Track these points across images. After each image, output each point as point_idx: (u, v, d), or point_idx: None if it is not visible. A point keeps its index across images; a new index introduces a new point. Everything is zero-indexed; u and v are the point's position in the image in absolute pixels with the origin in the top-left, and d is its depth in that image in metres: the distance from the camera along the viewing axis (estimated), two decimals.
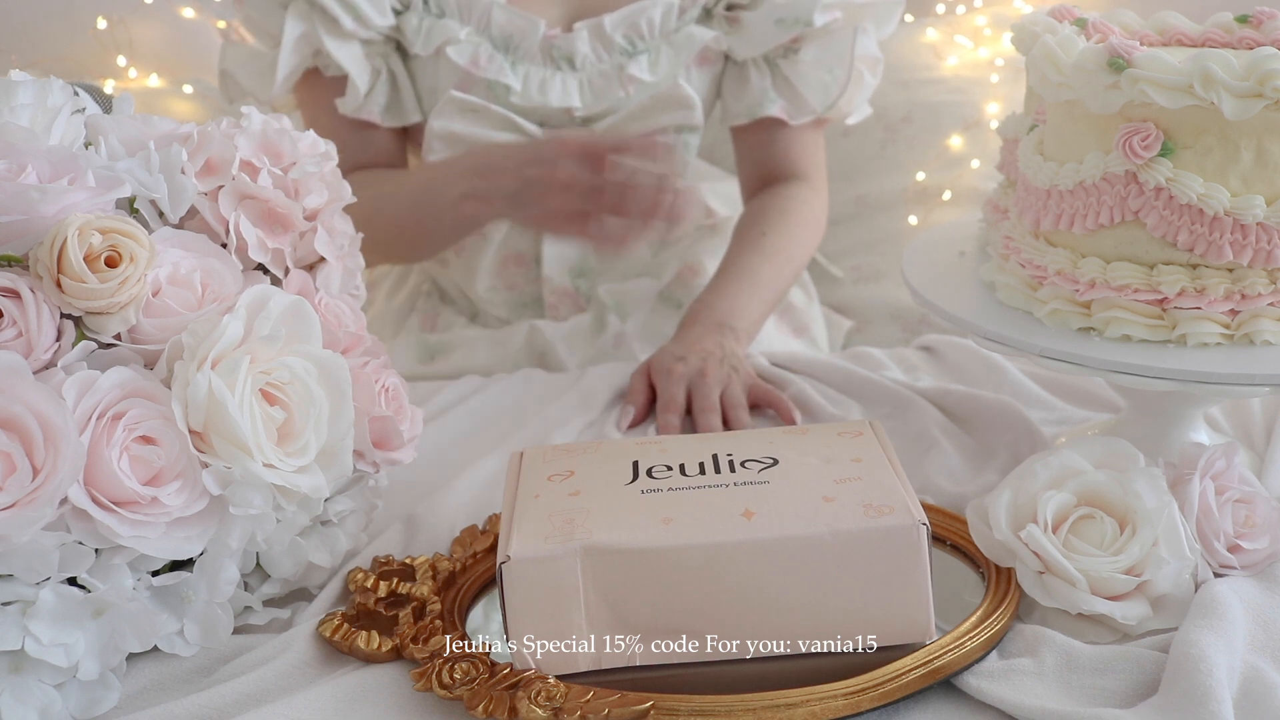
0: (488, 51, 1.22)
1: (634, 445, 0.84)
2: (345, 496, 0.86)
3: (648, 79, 1.24)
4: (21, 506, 0.67)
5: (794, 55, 1.28)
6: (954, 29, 1.70)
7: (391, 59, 1.25)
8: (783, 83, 1.29)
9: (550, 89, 1.23)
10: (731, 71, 1.31)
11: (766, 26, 1.26)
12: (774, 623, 0.71)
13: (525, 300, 1.36)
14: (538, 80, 1.23)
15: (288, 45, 1.20)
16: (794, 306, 1.43)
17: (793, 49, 1.28)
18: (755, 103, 1.29)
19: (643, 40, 1.24)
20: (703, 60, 1.28)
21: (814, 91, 1.28)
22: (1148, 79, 0.79)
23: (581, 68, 1.24)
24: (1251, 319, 0.83)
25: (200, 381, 0.71)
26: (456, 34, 1.21)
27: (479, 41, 1.22)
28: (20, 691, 0.69)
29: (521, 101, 1.22)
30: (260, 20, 1.23)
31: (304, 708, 0.71)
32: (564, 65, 1.23)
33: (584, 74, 1.24)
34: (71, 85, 0.81)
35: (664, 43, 1.25)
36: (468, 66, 1.21)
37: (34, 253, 0.73)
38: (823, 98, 1.29)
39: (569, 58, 1.23)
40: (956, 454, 1.00)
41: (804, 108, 1.29)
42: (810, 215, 1.31)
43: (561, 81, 1.23)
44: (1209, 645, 0.69)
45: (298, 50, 1.21)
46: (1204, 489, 0.80)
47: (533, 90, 1.23)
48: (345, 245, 0.89)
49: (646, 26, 1.24)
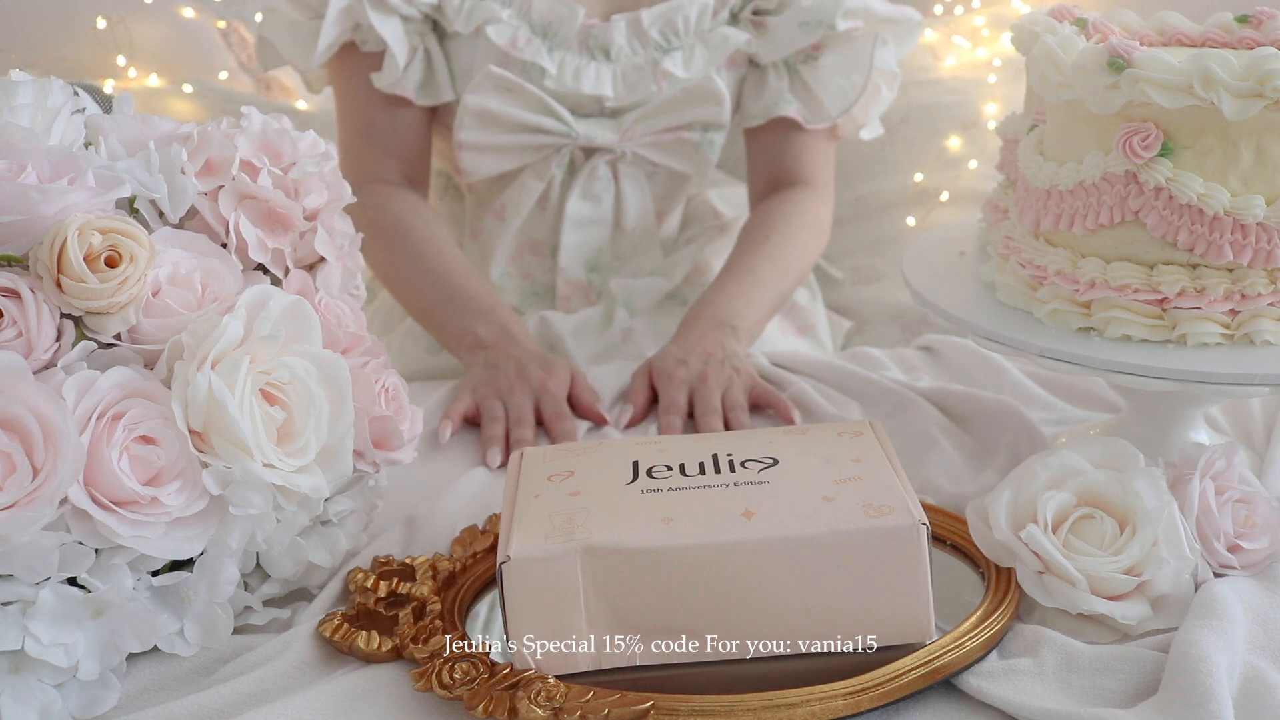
0: (526, 34, 1.23)
1: (634, 445, 0.84)
2: (345, 496, 0.86)
3: (681, 75, 1.26)
4: (21, 506, 0.67)
5: (814, 61, 1.30)
6: (952, 29, 1.70)
7: (428, 38, 1.27)
8: (800, 86, 1.30)
9: (584, 76, 1.25)
10: (752, 75, 1.33)
11: (791, 30, 1.28)
12: (774, 623, 0.71)
13: (538, 290, 1.37)
14: (573, 67, 1.25)
15: (332, 15, 1.22)
16: (798, 305, 1.44)
17: (813, 55, 1.30)
18: (772, 103, 1.30)
19: (678, 37, 1.26)
20: (730, 63, 1.30)
21: (831, 95, 1.30)
22: (1148, 79, 0.79)
23: (616, 59, 1.26)
24: (1251, 319, 0.83)
25: (200, 381, 0.71)
26: (498, 14, 1.23)
27: (519, 24, 1.24)
28: (20, 691, 0.69)
29: (555, 86, 1.24)
30: None
31: (304, 708, 0.71)
32: (599, 55, 1.25)
33: (618, 65, 1.26)
34: (71, 85, 0.81)
35: (699, 41, 1.27)
36: (506, 47, 1.23)
37: (34, 253, 0.73)
38: (839, 102, 1.30)
39: (605, 48, 1.25)
40: (956, 454, 1.00)
41: (820, 111, 1.30)
42: (815, 220, 1.32)
43: (596, 70, 1.25)
44: (1209, 645, 0.69)
45: (340, 21, 1.23)
46: (1204, 489, 0.80)
47: (567, 76, 1.24)
48: (345, 245, 0.89)
49: (682, 24, 1.26)
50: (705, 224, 1.45)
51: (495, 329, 1.15)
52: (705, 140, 1.29)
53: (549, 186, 1.30)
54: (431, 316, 1.21)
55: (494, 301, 1.19)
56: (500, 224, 1.33)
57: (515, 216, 1.32)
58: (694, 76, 1.26)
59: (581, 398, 1.10)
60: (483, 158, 1.27)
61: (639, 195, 1.33)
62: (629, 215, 1.33)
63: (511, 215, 1.32)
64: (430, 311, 1.21)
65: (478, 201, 1.37)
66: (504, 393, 1.08)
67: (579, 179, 1.29)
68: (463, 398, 1.09)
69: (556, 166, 1.29)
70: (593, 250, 1.34)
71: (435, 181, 1.44)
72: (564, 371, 1.11)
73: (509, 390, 1.08)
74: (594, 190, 1.31)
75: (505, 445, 1.04)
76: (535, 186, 1.30)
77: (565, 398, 1.09)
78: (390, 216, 1.23)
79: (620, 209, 1.33)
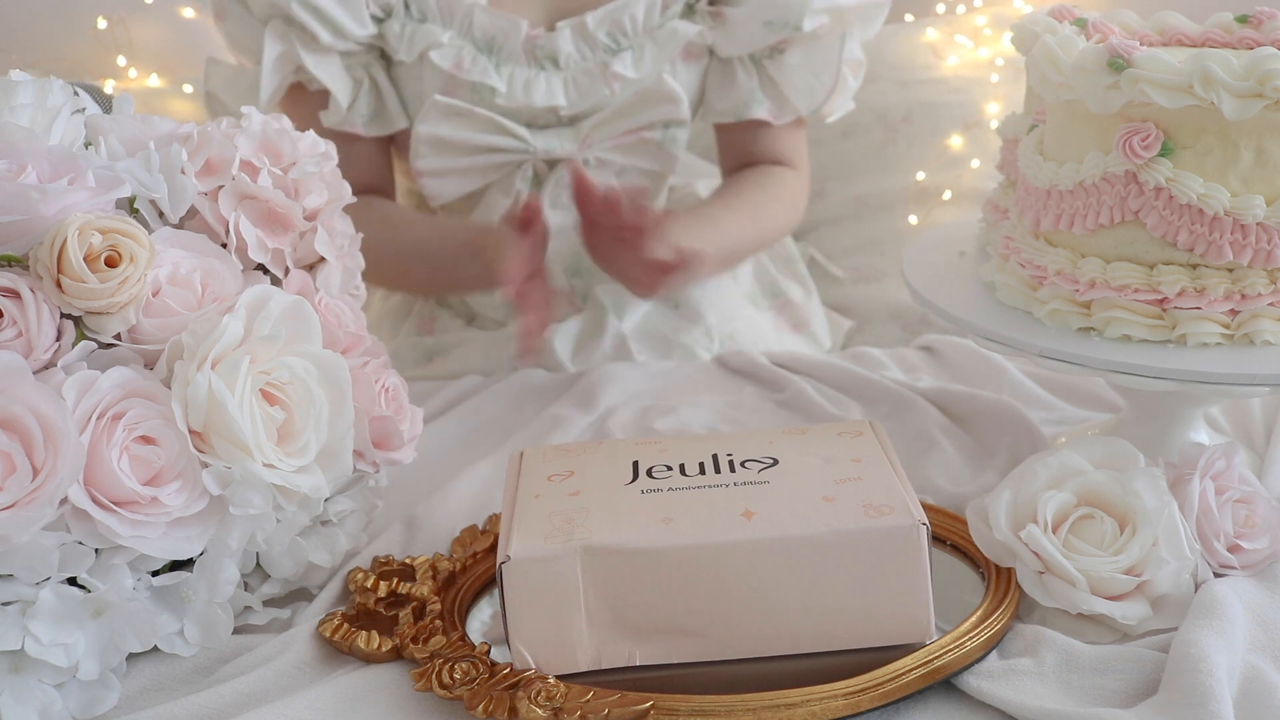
0: (471, 54, 1.22)
1: (634, 445, 0.84)
2: (345, 496, 0.86)
3: (632, 75, 1.24)
4: (21, 506, 0.67)
5: (780, 57, 1.28)
6: (954, 29, 1.70)
7: (374, 68, 1.25)
8: (769, 84, 1.29)
9: (535, 89, 1.23)
10: (716, 68, 1.31)
11: (754, 27, 1.26)
12: (774, 623, 0.71)
13: None
14: (522, 80, 1.23)
15: (268, 65, 1.20)
16: (793, 303, 1.43)
17: (779, 50, 1.29)
18: (742, 104, 1.29)
19: (626, 37, 1.25)
20: (688, 55, 1.29)
21: (800, 95, 1.29)
22: (1148, 79, 0.79)
23: (565, 66, 1.24)
24: (1251, 319, 0.83)
25: (200, 381, 0.71)
26: (439, 38, 1.21)
27: (462, 44, 1.22)
28: (20, 691, 0.69)
29: (507, 102, 1.23)
30: (241, 38, 1.24)
31: (304, 708, 0.71)
32: (548, 65, 1.24)
33: (568, 73, 1.24)
34: (71, 85, 0.81)
35: (647, 39, 1.25)
36: (451, 69, 1.21)
37: (34, 253, 0.73)
38: (808, 101, 1.30)
39: (552, 57, 1.24)
40: (956, 454, 1.00)
41: (788, 109, 1.30)
42: (787, 191, 1.31)
43: (546, 81, 1.23)
44: (1209, 645, 0.69)
45: (279, 69, 1.21)
46: (1204, 489, 0.80)
47: (518, 91, 1.23)
48: (345, 245, 0.89)
49: (629, 23, 1.24)
50: None
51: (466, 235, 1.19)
52: (668, 137, 1.28)
53: (517, 201, 1.28)
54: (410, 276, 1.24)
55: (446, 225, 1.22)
56: None
57: None
58: (646, 76, 1.25)
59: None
60: (444, 182, 1.26)
61: None
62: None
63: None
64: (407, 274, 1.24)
65: None
66: None
67: (546, 190, 1.27)
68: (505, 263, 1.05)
69: (521, 181, 1.27)
70: (571, 256, 1.32)
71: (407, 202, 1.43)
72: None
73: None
74: (564, 199, 1.28)
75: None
76: (503, 203, 1.28)
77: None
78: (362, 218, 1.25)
79: None
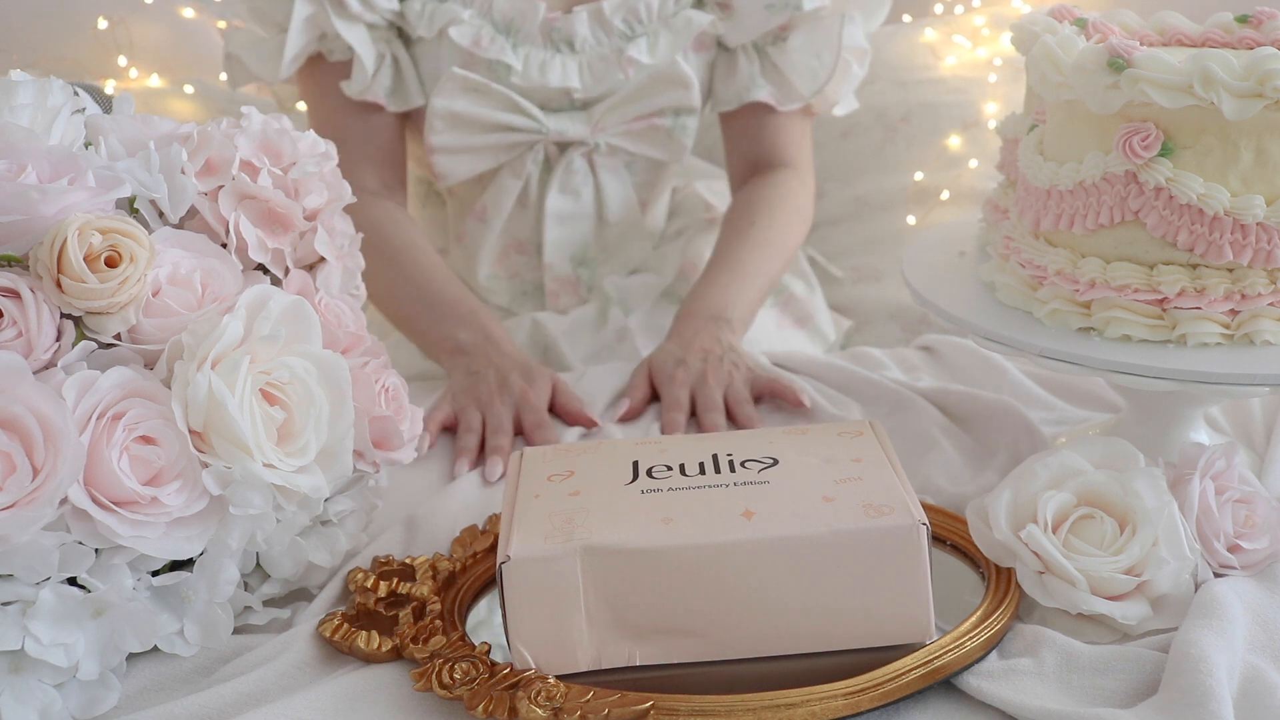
0: (489, 33, 1.24)
1: (634, 445, 0.84)
2: (345, 496, 0.86)
3: (646, 61, 1.26)
4: (21, 506, 0.67)
5: (782, 43, 1.30)
6: (952, 29, 1.70)
7: (394, 44, 1.27)
8: (771, 69, 1.31)
9: (550, 70, 1.25)
10: (722, 59, 1.33)
11: (757, 12, 1.28)
12: (774, 623, 0.71)
13: (526, 289, 1.37)
14: (538, 61, 1.25)
15: (296, 25, 1.22)
16: (796, 298, 1.44)
17: (781, 36, 1.30)
18: (744, 88, 1.31)
19: (641, 24, 1.26)
20: (699, 46, 1.30)
21: (801, 77, 1.30)
22: (1148, 79, 0.79)
23: (581, 50, 1.26)
24: (1251, 319, 0.83)
25: (200, 381, 0.71)
26: (459, 15, 1.23)
27: (481, 24, 1.24)
28: (20, 691, 0.69)
29: (522, 82, 1.24)
30: (266, 8, 1.25)
31: (304, 708, 0.71)
32: (564, 47, 1.25)
33: (583, 56, 1.26)
34: (71, 85, 0.81)
35: (662, 26, 1.27)
36: (470, 47, 1.23)
37: (34, 253, 0.73)
38: (810, 83, 1.30)
39: (569, 40, 1.25)
40: (956, 454, 1.00)
41: (791, 94, 1.31)
42: (797, 204, 1.32)
43: (561, 63, 1.25)
44: (1209, 645, 0.69)
45: (305, 31, 1.23)
46: (1204, 489, 0.80)
47: (533, 71, 1.24)
48: (345, 245, 0.89)
49: (645, 10, 1.26)
50: (694, 216, 1.45)
51: (477, 335, 1.15)
52: (678, 125, 1.29)
53: (527, 184, 1.30)
54: (413, 324, 1.20)
55: (474, 306, 1.18)
56: (483, 226, 1.33)
57: (496, 217, 1.32)
58: (659, 62, 1.26)
59: (566, 405, 1.09)
60: (456, 160, 1.27)
61: (619, 186, 1.33)
62: (611, 207, 1.33)
63: (493, 216, 1.32)
64: (411, 319, 1.20)
65: (458, 206, 1.37)
66: (483, 402, 1.07)
67: (556, 174, 1.29)
68: (442, 406, 1.08)
69: (532, 163, 1.29)
70: (578, 245, 1.34)
71: (416, 189, 1.44)
72: (545, 380, 1.10)
73: (489, 400, 1.07)
74: (572, 184, 1.31)
75: (478, 455, 1.03)
76: (513, 185, 1.30)
77: (546, 407, 1.08)
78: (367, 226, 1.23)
79: (601, 201, 1.33)
